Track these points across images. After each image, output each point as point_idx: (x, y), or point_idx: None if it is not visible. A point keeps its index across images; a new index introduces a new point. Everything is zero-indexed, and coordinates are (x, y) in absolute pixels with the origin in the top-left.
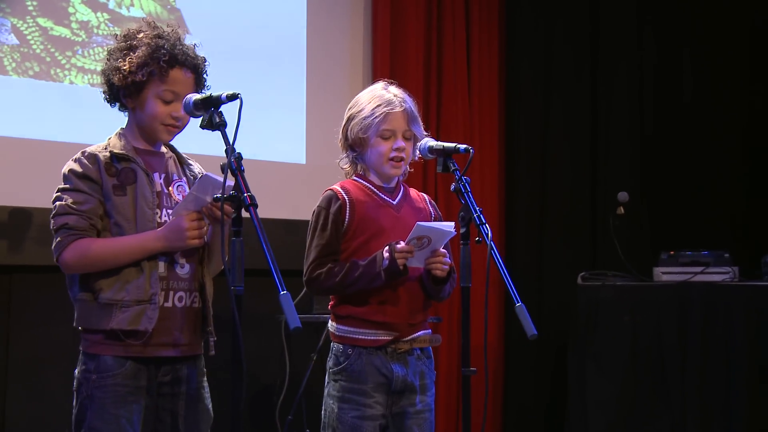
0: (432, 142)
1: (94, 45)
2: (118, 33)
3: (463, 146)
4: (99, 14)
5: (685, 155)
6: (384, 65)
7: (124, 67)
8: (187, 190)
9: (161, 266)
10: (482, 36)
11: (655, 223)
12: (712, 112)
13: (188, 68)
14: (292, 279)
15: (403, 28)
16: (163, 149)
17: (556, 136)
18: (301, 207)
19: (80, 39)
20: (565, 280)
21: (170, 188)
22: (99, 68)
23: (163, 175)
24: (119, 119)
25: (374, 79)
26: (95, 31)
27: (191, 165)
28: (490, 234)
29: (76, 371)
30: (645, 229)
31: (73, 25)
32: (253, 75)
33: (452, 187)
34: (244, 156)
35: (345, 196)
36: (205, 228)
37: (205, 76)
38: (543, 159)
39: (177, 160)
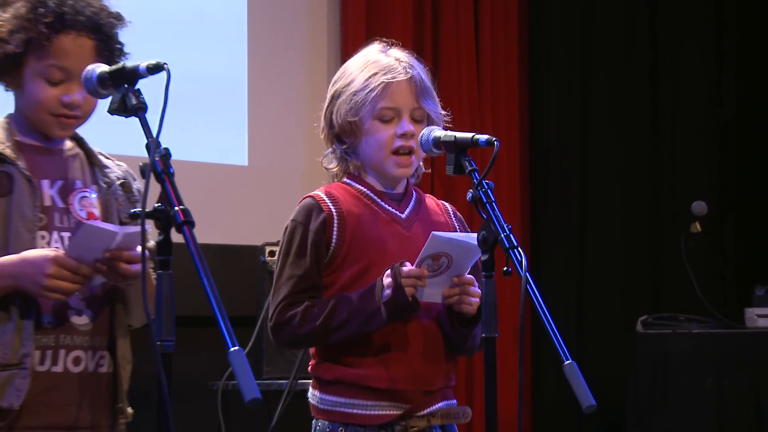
0: (439, 132)
1: None
2: None
3: (483, 137)
4: None
5: None
6: (357, 32)
7: None
8: (94, 202)
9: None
10: None
11: (744, 245)
12: None
13: (85, 32)
14: (237, 329)
15: None
16: (67, 144)
17: (599, 128)
18: (244, 225)
19: None
20: (617, 327)
21: (69, 200)
22: None
23: (58, 183)
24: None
25: (344, 51)
26: None
27: (108, 168)
28: (524, 262)
29: None
30: (729, 253)
31: None
32: (177, 48)
33: (469, 195)
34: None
35: (331, 207)
36: (78, 286)
37: (117, 42)
38: (582, 158)
39: (86, 160)
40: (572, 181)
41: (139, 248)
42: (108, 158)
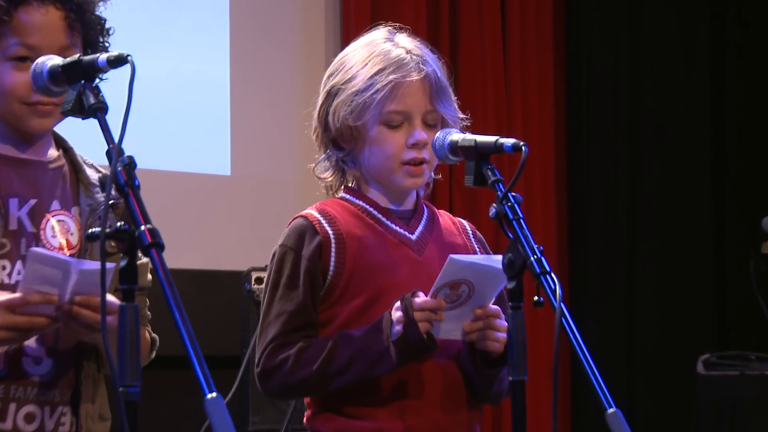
0: (456, 135)
1: None
2: None
3: (509, 141)
4: None
5: None
6: (360, 19)
7: None
8: (72, 227)
9: None
10: None
11: None
12: None
13: (54, 4)
14: (218, 371)
15: None
16: (51, 154)
17: (650, 133)
18: (226, 246)
19: None
20: (673, 368)
21: (42, 225)
22: None
23: (30, 202)
24: None
25: (344, 42)
26: None
27: (96, 186)
28: (559, 290)
29: None
30: None
31: None
32: (147, 39)
33: (492, 210)
34: (139, 164)
35: (327, 228)
36: (17, 334)
37: (92, 13)
38: (631, 168)
39: (72, 176)
40: (619, 194)
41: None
42: (99, 171)
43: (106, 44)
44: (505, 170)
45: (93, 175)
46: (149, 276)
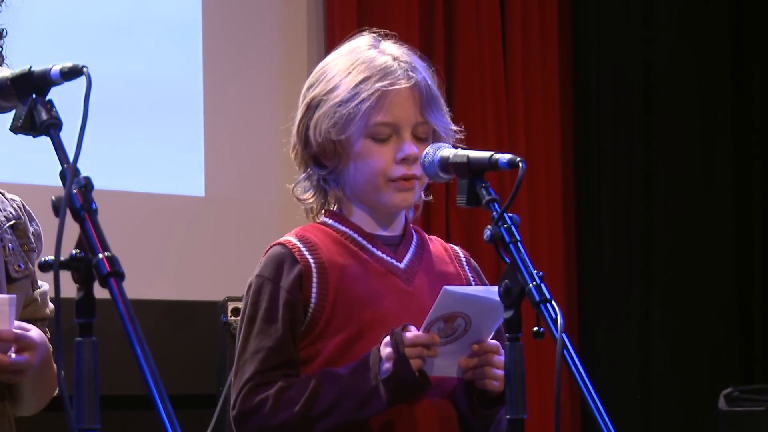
0: (447, 151)
1: None
2: None
3: (505, 156)
4: None
5: None
6: (346, 25)
7: None
8: None
9: None
10: None
11: None
12: None
13: None
14: (193, 411)
15: None
16: None
17: (665, 139)
18: (200, 275)
19: None
20: (693, 404)
21: None
22: None
23: None
24: None
25: (328, 51)
26: None
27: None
28: (560, 319)
29: None
30: None
31: None
32: (112, 48)
33: (487, 233)
34: (97, 184)
35: (308, 257)
36: None
37: None
38: (646, 184)
39: None
40: (631, 213)
41: (16, 322)
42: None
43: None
44: (507, 190)
45: None
46: (50, 305)
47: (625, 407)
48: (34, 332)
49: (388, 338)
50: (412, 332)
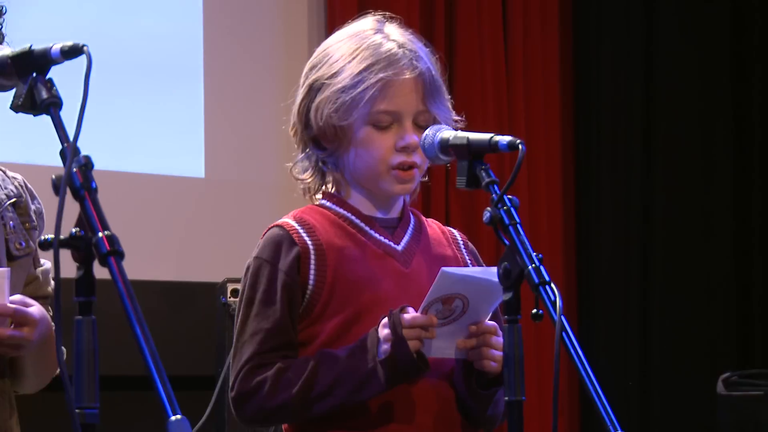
0: (447, 133)
1: None
2: None
3: (505, 138)
4: None
5: None
6: (347, 5)
7: None
8: None
9: None
10: None
11: None
12: None
13: None
14: (192, 392)
15: None
16: None
17: (667, 130)
18: (199, 256)
19: None
20: (691, 388)
21: None
22: None
23: None
24: None
25: (329, 31)
26: None
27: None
28: (559, 302)
29: None
30: None
31: None
32: (112, 25)
33: (486, 215)
34: (97, 165)
35: (306, 239)
36: None
37: None
38: (645, 168)
39: None
40: (631, 198)
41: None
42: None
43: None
44: (507, 173)
45: None
46: (52, 283)
47: (623, 392)
48: (35, 308)
49: (386, 320)
50: (410, 314)
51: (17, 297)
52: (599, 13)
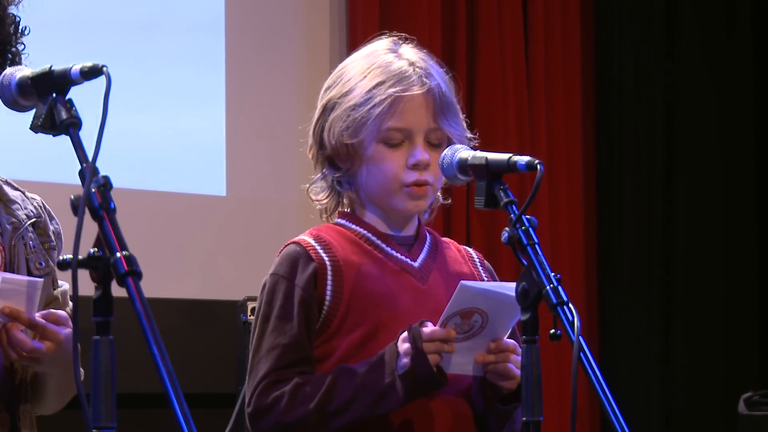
0: (466, 153)
1: None
2: None
3: (524, 159)
4: None
5: None
6: (369, 25)
7: None
8: None
9: None
10: None
11: None
12: None
13: None
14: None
15: None
16: None
17: (690, 148)
18: (220, 274)
19: None
20: (713, 407)
21: None
22: None
23: None
24: None
25: (351, 50)
26: None
27: (15, 203)
28: (577, 322)
29: None
30: None
31: None
32: (133, 45)
33: (504, 235)
34: (119, 183)
35: (323, 255)
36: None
37: (9, 17)
38: (667, 187)
39: None
40: (653, 214)
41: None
42: (17, 189)
43: (20, 45)
44: (527, 193)
45: (11, 193)
46: (70, 304)
47: (645, 410)
48: (65, 329)
49: (405, 334)
50: (430, 327)
51: (62, 312)
52: (621, 24)
